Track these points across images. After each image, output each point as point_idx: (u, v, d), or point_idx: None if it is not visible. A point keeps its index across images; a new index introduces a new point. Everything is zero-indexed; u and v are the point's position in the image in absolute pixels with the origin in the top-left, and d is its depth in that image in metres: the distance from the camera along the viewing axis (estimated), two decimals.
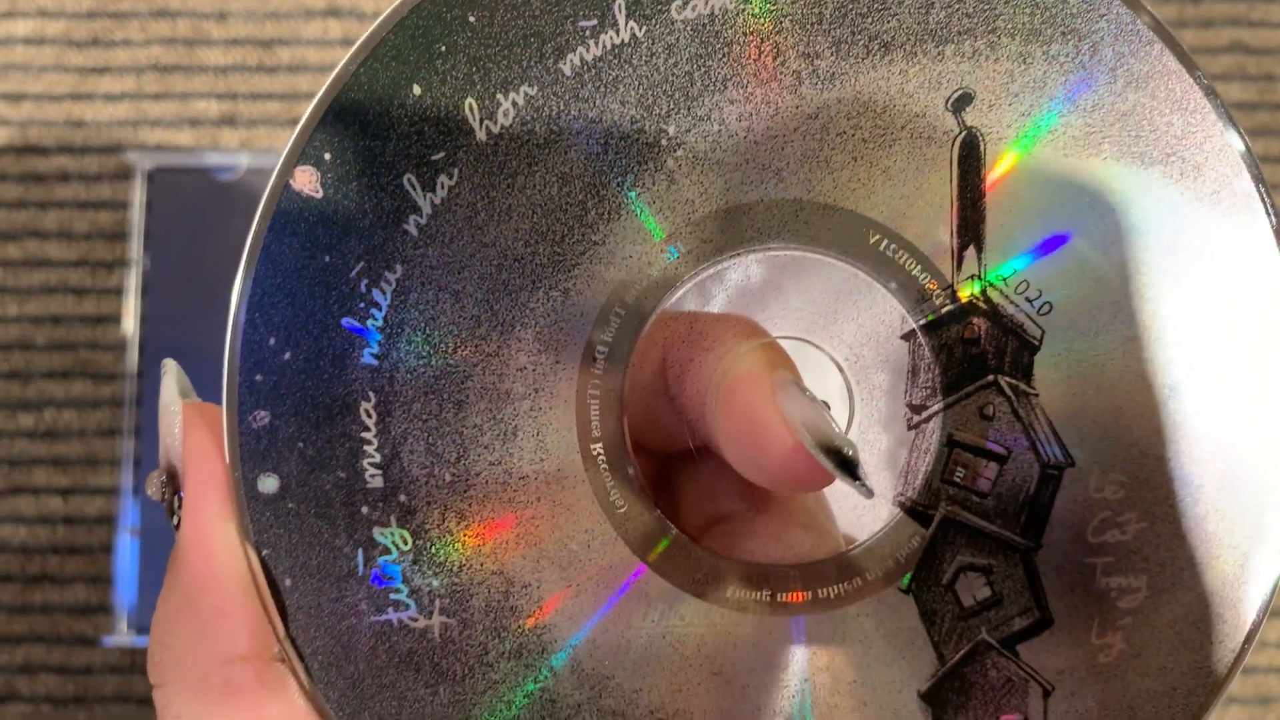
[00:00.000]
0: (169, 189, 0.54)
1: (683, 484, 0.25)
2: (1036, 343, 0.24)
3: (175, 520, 0.23)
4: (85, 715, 0.46)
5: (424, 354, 0.23)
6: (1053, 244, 0.24)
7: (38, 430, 0.50)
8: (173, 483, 0.23)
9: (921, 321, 0.24)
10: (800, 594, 0.24)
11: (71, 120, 0.54)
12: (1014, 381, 0.24)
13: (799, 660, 0.24)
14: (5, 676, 0.44)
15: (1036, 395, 0.24)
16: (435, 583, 0.23)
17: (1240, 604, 0.24)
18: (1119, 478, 0.24)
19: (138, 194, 0.53)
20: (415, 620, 0.23)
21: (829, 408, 0.23)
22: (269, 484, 0.23)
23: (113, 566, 0.49)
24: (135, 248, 0.53)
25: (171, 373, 0.24)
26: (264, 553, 0.23)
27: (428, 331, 0.23)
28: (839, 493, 0.25)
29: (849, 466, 0.22)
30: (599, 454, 0.23)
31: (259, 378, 0.23)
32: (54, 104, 0.54)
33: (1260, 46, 0.54)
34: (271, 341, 0.23)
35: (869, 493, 0.22)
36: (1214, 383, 0.24)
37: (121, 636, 0.47)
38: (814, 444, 0.22)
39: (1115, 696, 0.24)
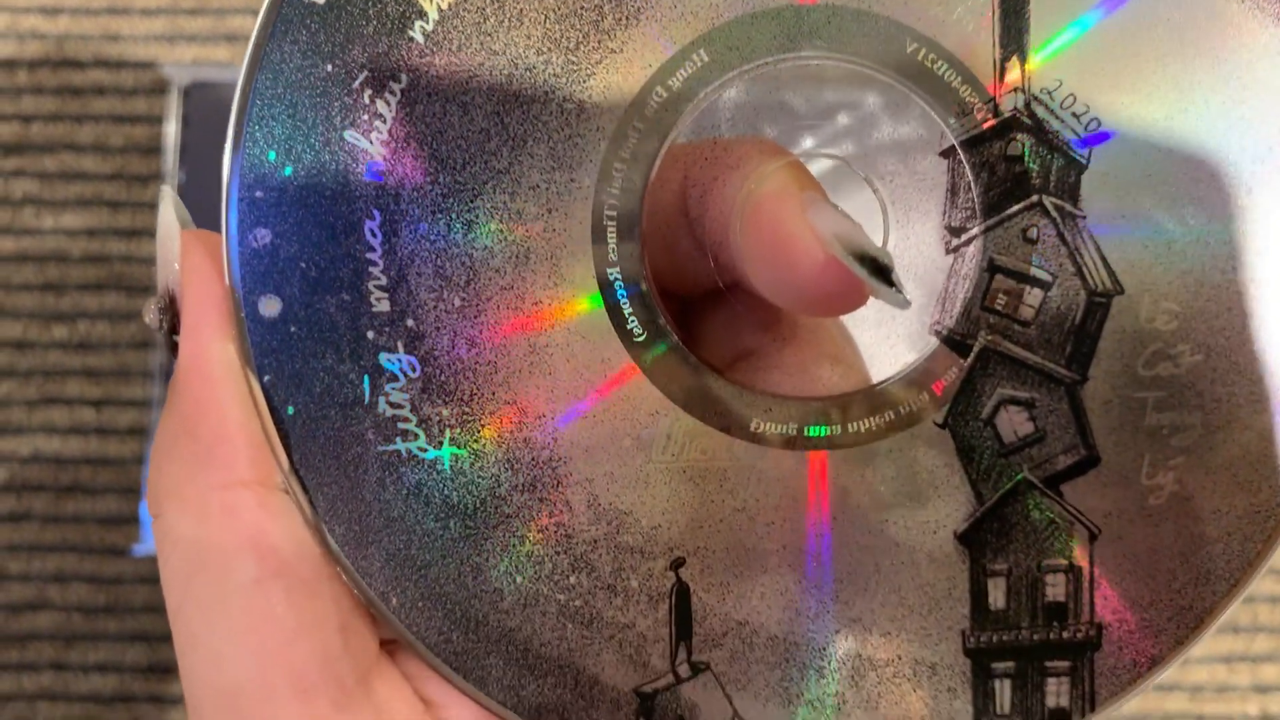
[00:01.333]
0: (204, 104, 0.53)
1: (707, 324, 0.24)
2: (1084, 161, 0.22)
3: (173, 347, 0.22)
4: (115, 624, 0.46)
5: (431, 170, 0.22)
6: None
7: (71, 342, 0.49)
8: (171, 309, 0.22)
9: (962, 137, 0.22)
10: (828, 428, 0.23)
11: (108, 34, 0.53)
12: (1060, 202, 0.22)
13: (825, 498, 0.23)
14: (37, 585, 0.43)
15: (1084, 217, 0.22)
16: (445, 412, 0.22)
17: None
18: (1172, 307, 0.22)
19: (173, 108, 0.53)
20: (424, 450, 0.22)
21: (862, 227, 0.22)
22: (271, 306, 0.22)
23: (143, 477, 0.48)
24: (170, 162, 0.52)
25: (169, 199, 0.23)
26: (266, 378, 0.22)
27: (435, 146, 0.22)
28: (870, 324, 0.23)
29: (883, 273, 0.20)
30: (615, 279, 0.22)
31: (259, 194, 0.22)
32: (90, 18, 0.53)
33: None
34: (272, 156, 0.22)
35: (905, 303, 0.21)
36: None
37: (151, 546, 0.47)
38: (846, 253, 0.21)
39: (1166, 541, 0.23)
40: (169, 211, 0.22)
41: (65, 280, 0.51)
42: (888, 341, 0.23)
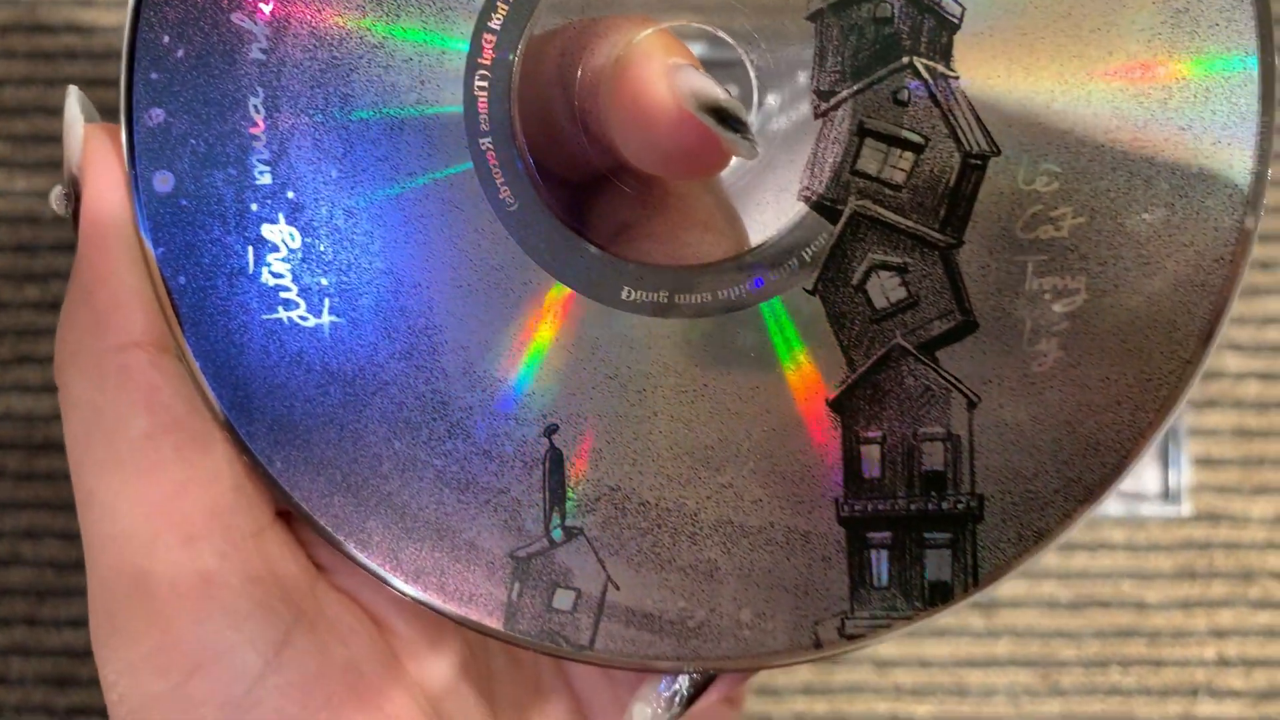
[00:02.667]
0: None
1: (591, 206, 0.24)
2: (956, 20, 0.22)
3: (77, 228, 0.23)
4: (87, 580, 0.47)
5: (309, 46, 0.23)
6: None
7: (44, 301, 0.51)
8: (75, 193, 0.23)
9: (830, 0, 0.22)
10: (699, 295, 0.23)
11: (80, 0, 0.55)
12: (931, 63, 0.22)
13: (697, 365, 0.23)
14: (9, 541, 0.45)
15: (957, 78, 0.22)
16: (324, 281, 0.23)
17: (1194, 308, 0.22)
18: (1052, 168, 0.22)
19: None
20: (305, 319, 0.23)
21: (730, 92, 0.22)
22: (164, 182, 0.23)
23: None
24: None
25: (73, 94, 0.24)
26: (159, 250, 0.23)
27: (313, 24, 0.23)
28: (743, 192, 0.23)
29: (732, 121, 0.20)
30: (488, 148, 0.23)
31: (154, 75, 0.23)
32: None
33: None
34: (165, 39, 0.23)
35: (754, 152, 0.21)
36: (1171, 55, 0.21)
37: None
38: (699, 107, 0.21)
39: (1050, 410, 0.22)
40: (74, 107, 0.24)
41: (38, 241, 0.52)
42: (759, 209, 0.23)
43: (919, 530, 0.22)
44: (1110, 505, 0.48)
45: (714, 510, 0.22)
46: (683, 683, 0.23)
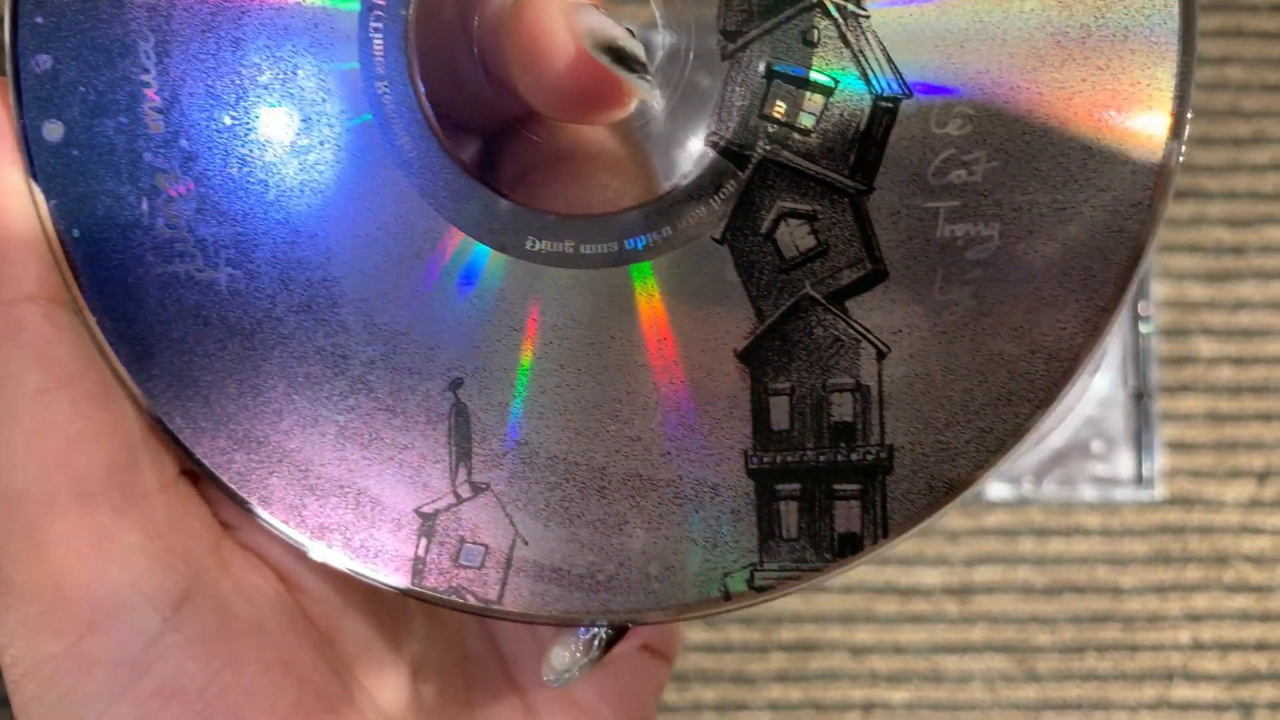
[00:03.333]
0: None
1: (496, 155, 0.24)
2: None
3: None
4: None
5: None
6: None
7: None
8: None
9: None
10: (605, 245, 0.22)
11: None
12: (841, 2, 0.21)
13: (605, 315, 0.22)
14: None
15: (868, 17, 0.21)
16: (220, 232, 0.22)
17: (1111, 255, 0.21)
18: (965, 110, 0.21)
19: None
20: (201, 272, 0.22)
21: (633, 34, 0.21)
22: (54, 131, 0.22)
23: None
24: None
25: None
26: (52, 202, 0.22)
27: None
28: (656, 140, 0.23)
29: (629, 61, 0.20)
30: (385, 94, 0.22)
31: (39, 20, 0.22)
32: None
33: None
34: None
35: (655, 95, 0.20)
36: None
37: None
38: (596, 46, 0.20)
39: (962, 360, 0.21)
40: None
41: None
42: (670, 155, 0.22)
43: (828, 482, 0.22)
44: (1084, 490, 0.48)
45: (623, 464, 0.22)
46: (601, 628, 0.23)
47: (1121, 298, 0.21)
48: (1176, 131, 0.21)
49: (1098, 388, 0.49)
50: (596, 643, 0.23)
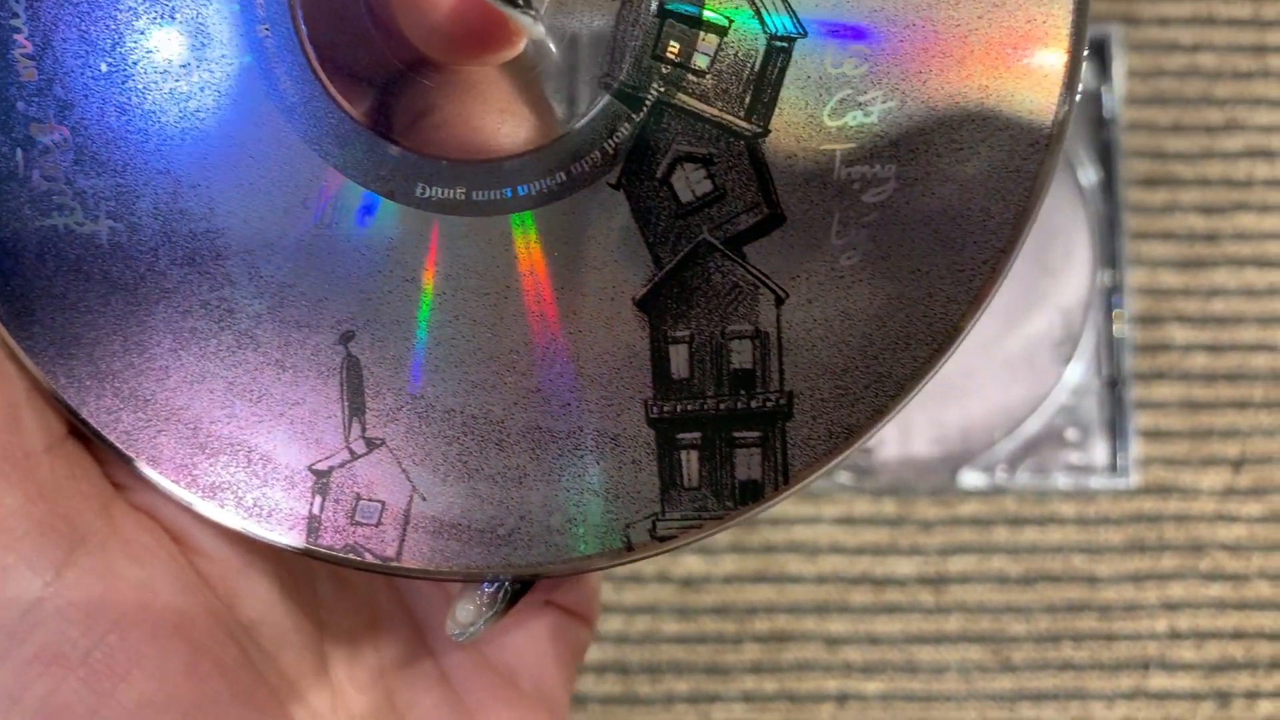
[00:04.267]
0: None
1: (386, 101, 0.23)
2: None
3: None
4: None
5: None
6: None
7: None
8: None
9: None
10: (497, 192, 0.21)
11: None
12: None
13: (500, 263, 0.22)
14: None
15: None
16: (100, 183, 0.21)
17: (1008, 195, 0.21)
18: (861, 49, 0.21)
19: None
20: (81, 225, 0.21)
21: None
22: None
23: None
24: None
25: None
26: None
27: None
28: (550, 81, 0.22)
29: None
30: (265, 34, 0.21)
31: None
32: None
33: None
34: None
35: (536, 27, 0.20)
36: None
37: None
38: None
39: (861, 303, 0.21)
40: None
41: None
42: (564, 98, 0.22)
43: (728, 430, 0.21)
44: (1059, 478, 0.48)
45: (521, 416, 0.22)
46: (505, 582, 0.22)
47: (1019, 238, 0.21)
48: (1073, 68, 0.21)
49: (1072, 376, 0.49)
50: (502, 596, 0.23)
